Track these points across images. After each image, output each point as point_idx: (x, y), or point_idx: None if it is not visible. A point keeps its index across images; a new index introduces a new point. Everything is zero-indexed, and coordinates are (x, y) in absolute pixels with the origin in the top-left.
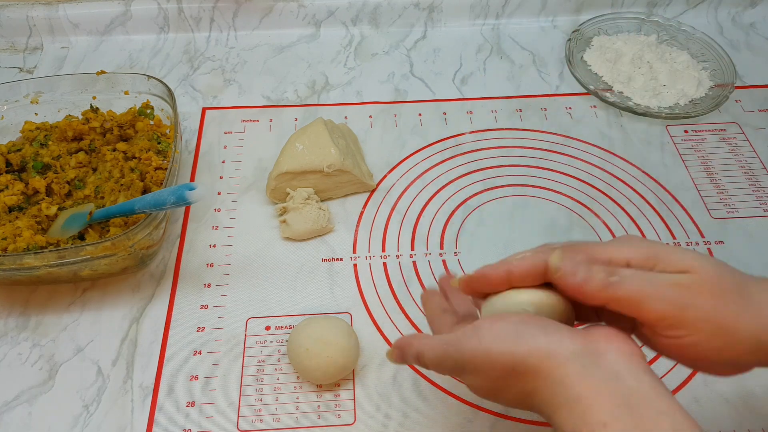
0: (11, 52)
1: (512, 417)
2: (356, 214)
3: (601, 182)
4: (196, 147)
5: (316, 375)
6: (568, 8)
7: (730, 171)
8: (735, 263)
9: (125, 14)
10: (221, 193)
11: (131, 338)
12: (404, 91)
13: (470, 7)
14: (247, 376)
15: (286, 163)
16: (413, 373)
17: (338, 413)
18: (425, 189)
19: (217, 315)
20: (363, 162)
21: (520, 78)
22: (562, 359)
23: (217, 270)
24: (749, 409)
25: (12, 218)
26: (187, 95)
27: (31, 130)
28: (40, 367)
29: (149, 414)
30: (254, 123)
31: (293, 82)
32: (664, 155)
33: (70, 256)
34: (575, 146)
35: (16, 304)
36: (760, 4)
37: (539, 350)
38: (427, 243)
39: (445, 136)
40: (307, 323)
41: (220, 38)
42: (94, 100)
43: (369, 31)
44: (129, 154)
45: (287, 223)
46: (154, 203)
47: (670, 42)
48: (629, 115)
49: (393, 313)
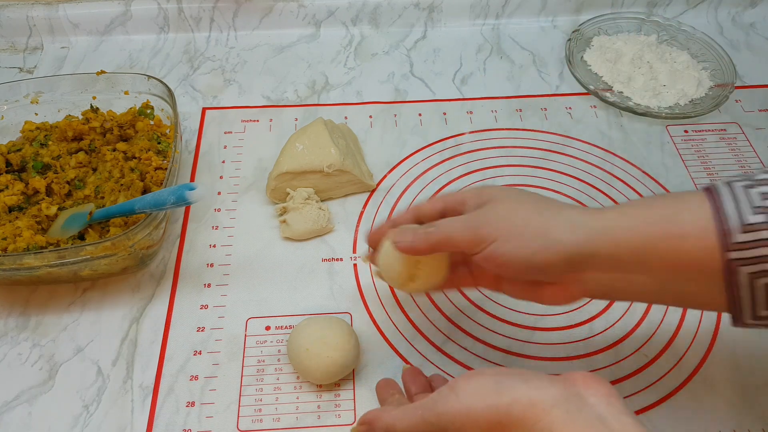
0: (11, 52)
1: None
2: (356, 214)
3: (601, 182)
4: (196, 147)
5: (316, 375)
6: (568, 8)
7: (730, 171)
8: None
9: (125, 14)
10: (221, 193)
11: (131, 338)
12: (404, 91)
13: (470, 7)
14: (247, 376)
15: (286, 163)
16: None
17: (338, 413)
18: (425, 189)
19: (217, 315)
20: (363, 162)
21: (520, 78)
22: (547, 407)
23: (217, 270)
24: (749, 409)
25: (12, 218)
26: (187, 95)
27: (31, 130)
28: (40, 367)
29: (149, 414)
30: (254, 123)
31: (293, 82)
32: (664, 155)
33: (70, 256)
34: (575, 146)
35: (16, 304)
36: (760, 4)
37: (522, 400)
38: None
39: (445, 136)
40: (307, 323)
41: (220, 38)
42: (94, 100)
43: (369, 31)
44: (129, 154)
45: (287, 223)
46: (154, 203)
47: (670, 42)
48: (629, 115)
49: (393, 313)
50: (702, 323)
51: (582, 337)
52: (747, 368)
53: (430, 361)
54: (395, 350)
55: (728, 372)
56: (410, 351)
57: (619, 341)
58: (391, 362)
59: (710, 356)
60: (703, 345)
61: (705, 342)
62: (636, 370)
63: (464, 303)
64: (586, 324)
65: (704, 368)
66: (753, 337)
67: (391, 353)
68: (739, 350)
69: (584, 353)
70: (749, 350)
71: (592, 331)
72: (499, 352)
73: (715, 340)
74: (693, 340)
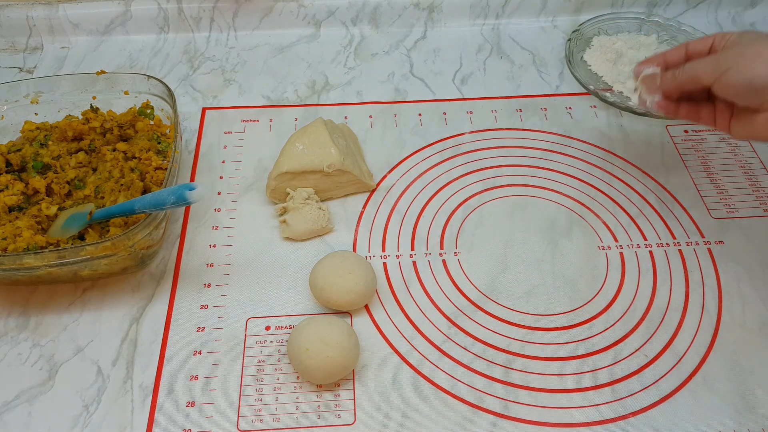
0: (11, 52)
1: (512, 417)
2: (356, 214)
3: (601, 182)
4: (196, 147)
5: (316, 375)
6: (568, 8)
7: (730, 171)
8: (735, 263)
9: (125, 14)
10: (221, 193)
11: (131, 338)
12: (404, 91)
13: (470, 7)
14: (247, 376)
15: (286, 163)
16: (413, 373)
17: (338, 413)
18: (425, 189)
19: (217, 315)
20: (363, 162)
21: (520, 78)
22: None
23: (217, 270)
24: (749, 409)
25: (12, 218)
26: (187, 95)
27: (31, 130)
28: (40, 367)
29: (149, 414)
30: (254, 123)
31: (293, 82)
32: (664, 155)
33: (70, 256)
34: (575, 146)
35: (16, 304)
36: (760, 4)
37: None
38: (427, 243)
39: (445, 136)
40: (307, 323)
41: (220, 38)
42: (94, 100)
43: (369, 31)
44: (129, 154)
45: (287, 223)
46: (154, 203)
47: (671, 42)
48: (629, 115)
49: (393, 313)
50: (702, 323)
51: (582, 337)
52: (747, 368)
53: (430, 361)
54: (395, 350)
55: (728, 372)
56: (410, 351)
57: (619, 341)
58: (391, 362)
59: (710, 356)
60: (703, 345)
61: (705, 342)
62: (636, 370)
63: (464, 303)
64: (586, 324)
65: (704, 368)
66: (753, 338)
67: (391, 353)
68: (739, 350)
69: (584, 353)
70: (749, 350)
71: (592, 331)
72: (499, 352)
73: (715, 340)
74: (693, 340)
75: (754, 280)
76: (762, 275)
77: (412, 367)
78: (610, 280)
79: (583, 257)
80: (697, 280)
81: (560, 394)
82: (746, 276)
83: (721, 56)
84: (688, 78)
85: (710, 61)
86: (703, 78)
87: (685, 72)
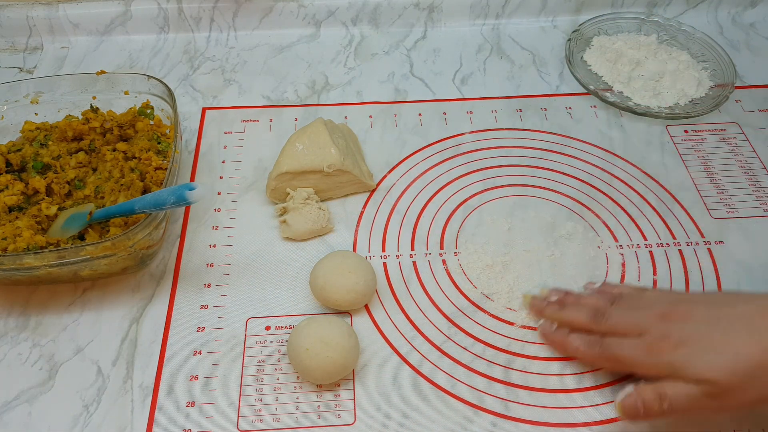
0: (11, 52)
1: (512, 417)
2: (356, 214)
3: (601, 182)
4: (196, 147)
5: (316, 375)
6: (568, 8)
7: (730, 171)
8: (735, 263)
9: (125, 14)
10: (221, 193)
11: (131, 338)
12: (404, 91)
13: (470, 7)
14: (247, 376)
15: (286, 163)
16: (413, 373)
17: (338, 413)
18: (425, 189)
19: (217, 315)
20: (363, 162)
21: (520, 78)
22: None
23: (217, 270)
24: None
25: (12, 218)
26: (187, 95)
27: (31, 130)
28: (40, 367)
29: (149, 414)
30: (254, 123)
31: (293, 82)
32: (664, 155)
33: (70, 256)
34: (575, 146)
35: (16, 304)
36: (760, 4)
37: None
38: (427, 243)
39: (445, 136)
40: (307, 323)
41: (220, 38)
42: (94, 100)
43: (369, 31)
44: (129, 154)
45: (287, 223)
46: (154, 203)
47: (670, 42)
48: (629, 115)
49: (393, 313)
50: None
51: None
52: None
53: (430, 361)
54: (395, 350)
55: None
56: (410, 351)
57: None
58: (391, 362)
59: None
60: None
61: None
62: None
63: (464, 303)
64: None
65: None
66: None
67: (391, 353)
68: None
69: None
70: None
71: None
72: (499, 352)
73: None
74: None
75: (754, 280)
76: (762, 275)
77: (412, 367)
78: (610, 280)
79: (583, 257)
80: (697, 280)
81: (560, 394)
82: (746, 276)
83: (654, 346)
84: (619, 362)
85: (646, 354)
86: (640, 371)
87: (614, 352)
